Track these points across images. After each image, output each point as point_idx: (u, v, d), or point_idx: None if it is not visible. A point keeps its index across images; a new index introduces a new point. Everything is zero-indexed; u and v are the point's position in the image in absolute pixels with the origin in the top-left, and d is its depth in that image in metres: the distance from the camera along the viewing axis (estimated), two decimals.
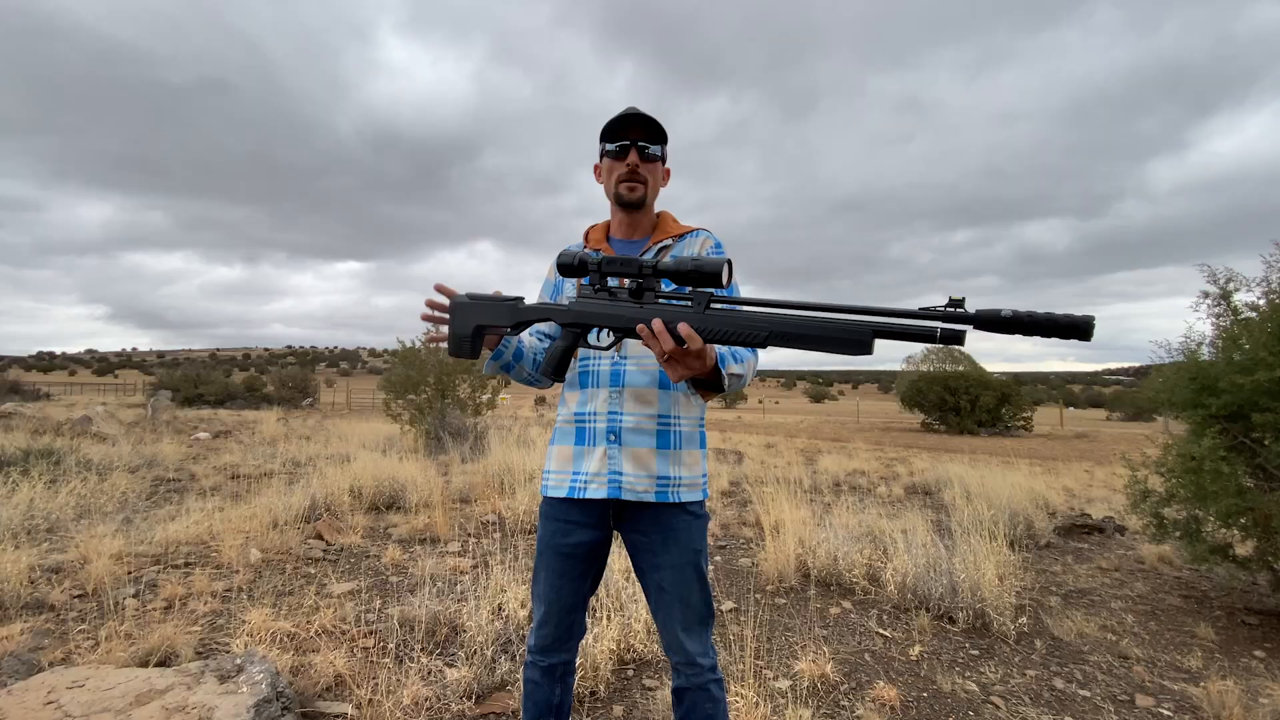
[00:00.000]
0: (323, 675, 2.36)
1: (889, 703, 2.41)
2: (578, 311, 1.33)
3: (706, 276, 1.18)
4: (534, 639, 1.56)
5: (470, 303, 1.40)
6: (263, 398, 25.67)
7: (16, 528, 4.12)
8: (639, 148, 1.49)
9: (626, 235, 1.59)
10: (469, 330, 1.39)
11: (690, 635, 1.47)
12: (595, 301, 1.31)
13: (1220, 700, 2.42)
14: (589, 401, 1.49)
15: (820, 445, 14.12)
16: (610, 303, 1.29)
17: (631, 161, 1.49)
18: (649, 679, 2.52)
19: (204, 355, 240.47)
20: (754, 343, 1.17)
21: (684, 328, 1.18)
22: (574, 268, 1.30)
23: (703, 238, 1.58)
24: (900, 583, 3.45)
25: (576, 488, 1.47)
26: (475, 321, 1.39)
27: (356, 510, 5.14)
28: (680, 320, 1.19)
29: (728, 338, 1.19)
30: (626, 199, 1.52)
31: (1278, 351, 3.16)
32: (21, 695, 1.86)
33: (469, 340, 1.39)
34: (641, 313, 1.24)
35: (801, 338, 1.13)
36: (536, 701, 1.55)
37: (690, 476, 1.51)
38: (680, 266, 1.21)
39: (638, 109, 1.50)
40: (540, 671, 1.55)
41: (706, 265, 1.18)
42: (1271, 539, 3.32)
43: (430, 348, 9.80)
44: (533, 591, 1.58)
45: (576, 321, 1.33)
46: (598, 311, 1.30)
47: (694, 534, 1.49)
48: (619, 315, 1.27)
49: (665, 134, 1.50)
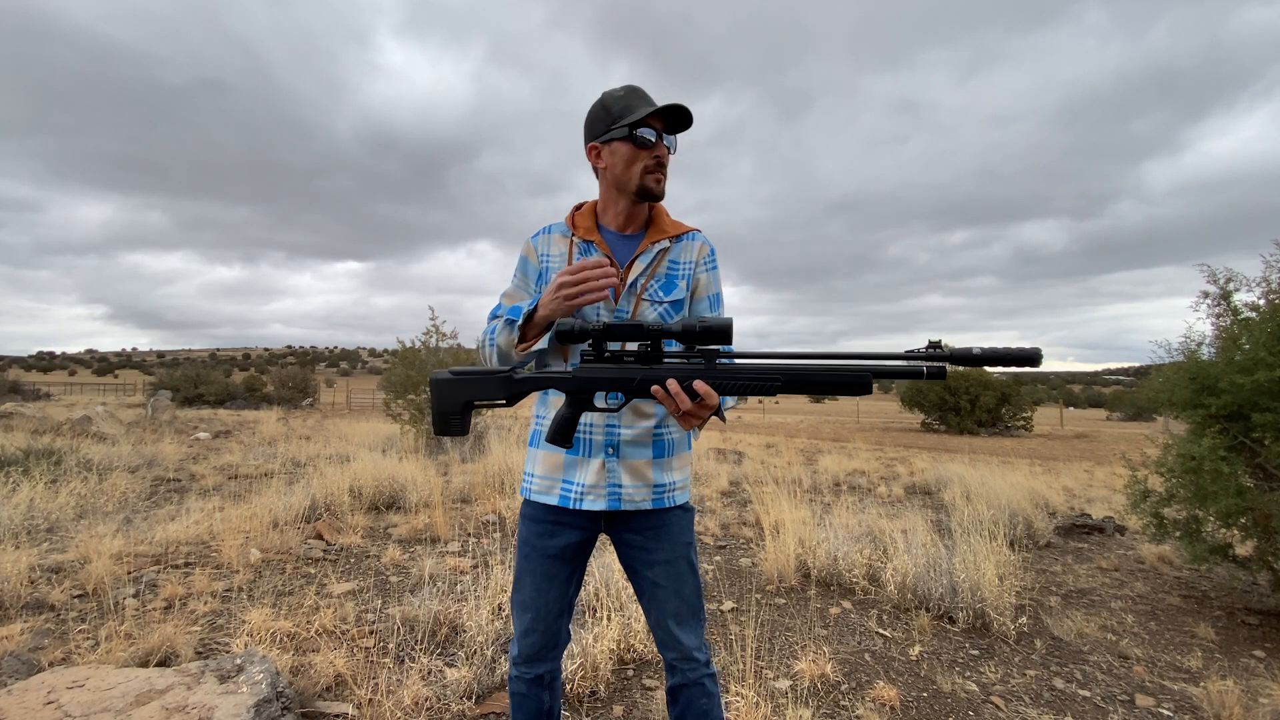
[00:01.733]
0: (323, 675, 2.36)
1: (889, 703, 2.40)
2: (584, 379, 1.29)
3: (714, 335, 1.20)
4: (517, 649, 1.51)
5: (455, 379, 1.33)
6: (263, 398, 25.67)
7: (17, 528, 4.12)
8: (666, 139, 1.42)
9: (621, 227, 1.50)
10: (457, 408, 1.33)
11: (684, 628, 1.47)
12: (600, 366, 1.29)
13: (1220, 700, 2.42)
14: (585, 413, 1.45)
15: (820, 445, 14.12)
16: (617, 367, 1.28)
17: (660, 153, 1.41)
18: (649, 679, 2.52)
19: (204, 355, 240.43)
20: (767, 391, 1.23)
21: (701, 385, 1.19)
22: (574, 334, 1.25)
23: (700, 243, 1.52)
24: (900, 583, 3.45)
25: (571, 498, 1.43)
26: (464, 398, 1.32)
27: (356, 510, 5.14)
28: (693, 378, 1.21)
29: (742, 389, 1.22)
30: (655, 192, 1.43)
31: (1278, 351, 3.16)
32: (21, 695, 1.86)
33: (458, 418, 1.33)
34: (652, 374, 1.25)
35: (810, 384, 1.21)
36: (526, 712, 1.51)
37: (682, 480, 1.51)
38: (688, 327, 1.21)
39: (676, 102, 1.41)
40: (526, 684, 1.50)
41: (714, 325, 1.19)
42: (1271, 539, 3.32)
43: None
44: (514, 600, 1.52)
45: (584, 389, 1.30)
46: (606, 377, 1.28)
47: (684, 527, 1.50)
48: (628, 379, 1.27)
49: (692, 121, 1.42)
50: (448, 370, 1.34)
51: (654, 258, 1.46)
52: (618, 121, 1.39)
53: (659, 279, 1.46)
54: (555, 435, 1.31)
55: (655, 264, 1.46)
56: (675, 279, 1.48)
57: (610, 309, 1.44)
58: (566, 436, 1.32)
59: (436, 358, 9.88)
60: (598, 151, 1.45)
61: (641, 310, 1.44)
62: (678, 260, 1.49)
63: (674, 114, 1.40)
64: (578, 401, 1.30)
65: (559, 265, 1.48)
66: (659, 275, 1.46)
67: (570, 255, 1.47)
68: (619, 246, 1.48)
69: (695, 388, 1.19)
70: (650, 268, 1.46)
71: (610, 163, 1.43)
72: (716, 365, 1.24)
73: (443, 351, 9.97)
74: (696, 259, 1.50)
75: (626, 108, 1.39)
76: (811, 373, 1.21)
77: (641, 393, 1.26)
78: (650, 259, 1.46)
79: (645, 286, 1.45)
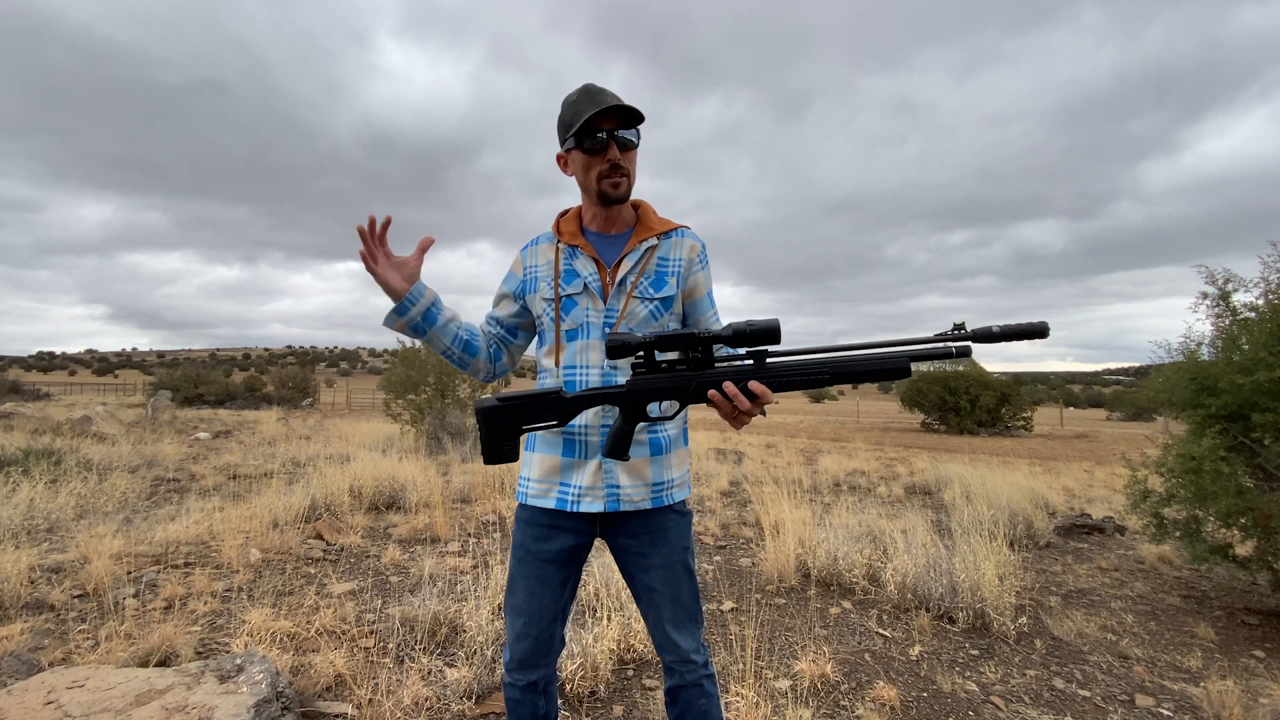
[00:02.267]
0: (323, 675, 2.36)
1: (889, 703, 2.41)
2: (640, 391, 1.30)
3: (764, 336, 1.22)
4: (510, 654, 1.49)
5: (503, 406, 1.31)
6: (263, 398, 25.66)
7: (17, 528, 4.12)
8: (617, 139, 1.37)
9: (604, 229, 1.49)
10: (508, 434, 1.32)
11: (682, 632, 1.47)
12: (654, 377, 1.30)
13: (1220, 700, 2.42)
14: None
15: (820, 445, 14.12)
16: (669, 376, 1.30)
17: (613, 156, 1.37)
18: (649, 679, 2.52)
19: (204, 355, 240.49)
20: (817, 384, 1.26)
21: (757, 385, 1.22)
22: (627, 348, 1.24)
23: (689, 240, 1.50)
24: (900, 583, 3.45)
25: (568, 500, 1.42)
26: (514, 424, 1.31)
27: (356, 510, 5.14)
28: (746, 379, 1.23)
29: (794, 384, 1.25)
30: (613, 196, 1.41)
31: (1277, 351, 3.17)
32: (21, 695, 1.86)
33: (510, 444, 1.32)
34: (707, 378, 1.27)
35: (856, 373, 1.26)
36: (522, 717, 1.51)
37: (680, 477, 1.50)
38: (738, 331, 1.22)
39: (603, 92, 1.37)
40: (520, 690, 1.49)
41: (763, 326, 1.21)
42: (1271, 539, 3.32)
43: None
44: (507, 604, 1.50)
45: (640, 401, 1.31)
46: (661, 386, 1.30)
47: (681, 531, 1.49)
48: (684, 386, 1.29)
49: (641, 115, 1.38)
50: (493, 396, 1.34)
51: (642, 255, 1.46)
52: (569, 130, 1.39)
53: (648, 276, 1.46)
54: (613, 449, 1.32)
55: (644, 261, 1.46)
56: (665, 276, 1.47)
57: (599, 309, 1.44)
58: (624, 449, 1.32)
59: (436, 358, 9.89)
60: (565, 161, 1.47)
61: (631, 307, 1.44)
62: (667, 257, 1.48)
63: (614, 113, 1.36)
64: (633, 413, 1.31)
65: (546, 274, 1.48)
66: (649, 272, 1.46)
67: (557, 261, 1.47)
68: (604, 247, 1.48)
69: (752, 388, 1.22)
70: (639, 265, 1.46)
71: (574, 170, 1.45)
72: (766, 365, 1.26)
73: None
74: (689, 257, 1.49)
75: (576, 114, 1.37)
76: (856, 363, 1.25)
77: (697, 397, 1.29)
78: (639, 256, 1.46)
79: (635, 284, 1.45)
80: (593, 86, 1.39)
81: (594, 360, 1.43)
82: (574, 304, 1.45)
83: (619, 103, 1.34)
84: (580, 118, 1.35)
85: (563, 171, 1.48)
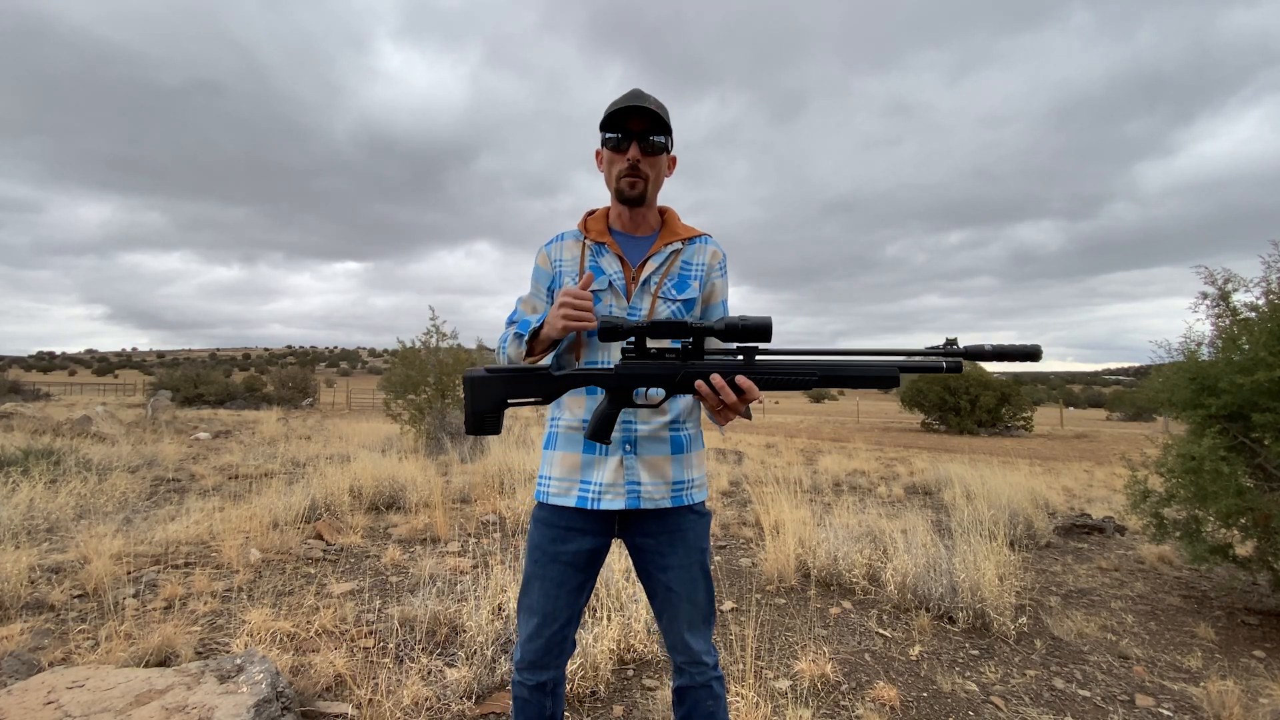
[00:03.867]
0: (323, 675, 2.36)
1: (889, 703, 2.41)
2: (626, 375, 1.31)
3: (755, 333, 1.22)
4: (521, 654, 1.49)
5: (491, 377, 1.32)
6: (263, 398, 25.66)
7: (16, 528, 4.12)
8: (640, 140, 1.41)
9: (629, 230, 1.53)
10: (491, 406, 1.32)
11: (694, 634, 1.47)
12: (643, 363, 1.31)
13: (1220, 700, 2.42)
14: None
15: (820, 445, 14.12)
16: (659, 363, 1.30)
17: (632, 156, 1.41)
18: (649, 679, 2.52)
19: (204, 355, 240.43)
20: (804, 385, 1.26)
21: (744, 380, 1.22)
22: (618, 332, 1.26)
23: (711, 247, 1.54)
24: (900, 583, 3.45)
25: (589, 498, 1.42)
26: (500, 396, 1.32)
27: (356, 510, 5.14)
28: (734, 373, 1.23)
29: (781, 384, 1.26)
30: (627, 195, 1.45)
31: (1277, 351, 3.16)
32: (21, 695, 1.86)
33: (493, 416, 1.33)
34: (695, 369, 1.27)
35: (844, 378, 1.26)
36: (528, 717, 1.51)
37: (699, 477, 1.51)
38: (730, 325, 1.23)
39: (641, 94, 1.42)
40: (529, 690, 1.48)
41: (755, 323, 1.22)
42: (1271, 539, 3.32)
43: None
44: (521, 603, 1.50)
45: (626, 385, 1.31)
46: (649, 373, 1.30)
47: (700, 532, 1.50)
48: (671, 375, 1.29)
49: (669, 123, 1.42)
50: (483, 368, 1.34)
51: (667, 258, 1.50)
52: (601, 126, 1.45)
53: (672, 278, 1.49)
54: (595, 432, 1.32)
55: (669, 264, 1.50)
56: (689, 279, 1.51)
57: (622, 306, 1.46)
58: (606, 433, 1.32)
59: (436, 357, 9.88)
60: (600, 157, 1.51)
61: (656, 307, 1.47)
62: (690, 261, 1.52)
63: (632, 110, 1.40)
64: (618, 398, 1.31)
65: (571, 269, 1.51)
66: (672, 274, 1.49)
67: (583, 258, 1.50)
68: (630, 247, 1.51)
69: (739, 382, 1.22)
70: (664, 266, 1.49)
71: (603, 167, 1.50)
72: (756, 361, 1.26)
73: (443, 351, 9.97)
74: (711, 263, 1.54)
75: (609, 112, 1.42)
76: (845, 368, 1.25)
77: (684, 388, 1.28)
78: (664, 259, 1.49)
79: (660, 285, 1.48)
80: (636, 90, 1.45)
81: (615, 357, 1.43)
82: (598, 300, 1.46)
83: (640, 103, 1.39)
84: (611, 115, 1.41)
85: (599, 169, 1.52)
